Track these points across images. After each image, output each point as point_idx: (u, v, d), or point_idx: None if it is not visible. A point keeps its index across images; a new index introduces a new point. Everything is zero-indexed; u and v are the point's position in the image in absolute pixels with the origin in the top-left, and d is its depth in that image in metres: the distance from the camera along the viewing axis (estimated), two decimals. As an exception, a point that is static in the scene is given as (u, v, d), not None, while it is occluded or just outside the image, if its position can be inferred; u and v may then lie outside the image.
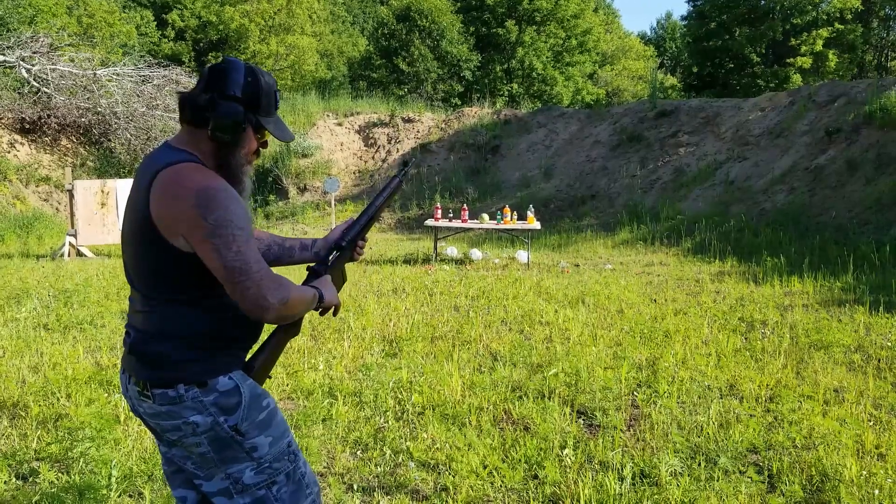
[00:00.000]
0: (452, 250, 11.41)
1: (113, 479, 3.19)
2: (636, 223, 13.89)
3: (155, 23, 32.91)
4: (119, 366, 2.03)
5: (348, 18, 44.26)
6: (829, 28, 29.21)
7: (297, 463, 2.02)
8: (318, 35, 36.87)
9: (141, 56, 19.59)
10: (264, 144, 2.03)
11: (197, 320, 1.89)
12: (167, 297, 1.89)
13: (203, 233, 1.76)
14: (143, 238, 1.85)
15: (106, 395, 4.36)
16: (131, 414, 4.02)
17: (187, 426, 1.87)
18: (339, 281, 2.26)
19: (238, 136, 1.91)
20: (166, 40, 32.62)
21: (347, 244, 2.27)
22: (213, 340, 1.91)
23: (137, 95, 17.29)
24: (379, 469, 3.49)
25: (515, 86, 32.48)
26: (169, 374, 1.87)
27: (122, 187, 11.76)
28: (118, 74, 17.34)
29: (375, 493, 3.26)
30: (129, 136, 17.35)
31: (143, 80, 17.60)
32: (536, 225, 10.74)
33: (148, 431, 3.80)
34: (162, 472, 3.34)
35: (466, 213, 11.22)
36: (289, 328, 2.10)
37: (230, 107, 1.88)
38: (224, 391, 1.89)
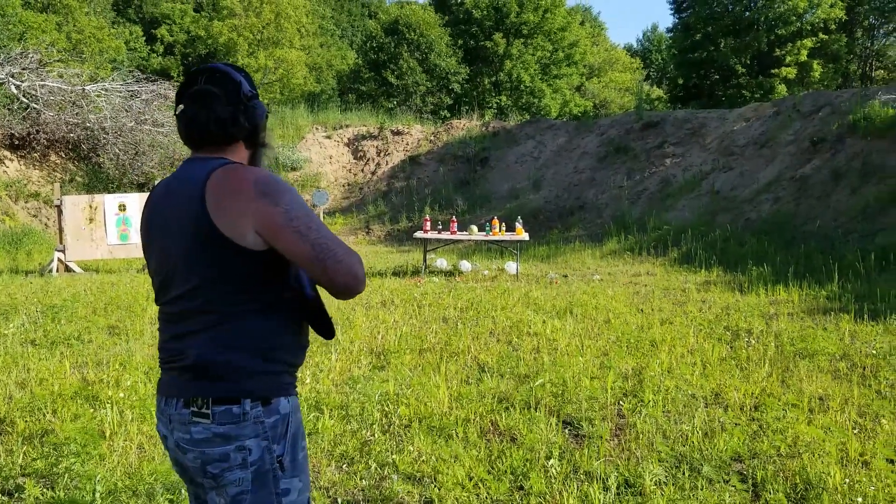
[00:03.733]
0: (442, 262, 11.44)
1: (97, 495, 3.19)
2: (623, 234, 13.97)
3: (144, 38, 33.01)
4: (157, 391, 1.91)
5: (337, 32, 44.46)
6: (814, 38, 29.60)
7: None
8: (307, 48, 37.02)
9: (130, 71, 19.53)
10: None
11: (271, 329, 1.78)
12: (237, 308, 1.75)
13: (280, 220, 1.68)
14: (204, 250, 1.73)
15: (91, 410, 4.35)
16: (117, 429, 4.02)
17: (238, 454, 1.72)
18: None
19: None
20: (155, 55, 32.74)
21: None
22: (282, 352, 1.81)
23: (126, 110, 17.27)
24: (364, 482, 3.49)
25: (504, 98, 32.71)
26: (236, 387, 1.73)
27: (110, 202, 11.74)
28: (107, 90, 17.32)
29: (361, 506, 3.27)
30: (117, 150, 17.32)
31: (131, 95, 17.57)
32: (525, 236, 10.79)
33: (134, 447, 3.80)
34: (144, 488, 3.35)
35: (455, 224, 11.26)
36: None
37: (260, 105, 1.90)
38: (283, 414, 1.78)
